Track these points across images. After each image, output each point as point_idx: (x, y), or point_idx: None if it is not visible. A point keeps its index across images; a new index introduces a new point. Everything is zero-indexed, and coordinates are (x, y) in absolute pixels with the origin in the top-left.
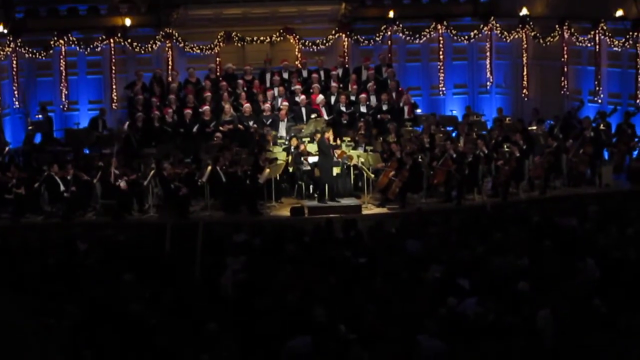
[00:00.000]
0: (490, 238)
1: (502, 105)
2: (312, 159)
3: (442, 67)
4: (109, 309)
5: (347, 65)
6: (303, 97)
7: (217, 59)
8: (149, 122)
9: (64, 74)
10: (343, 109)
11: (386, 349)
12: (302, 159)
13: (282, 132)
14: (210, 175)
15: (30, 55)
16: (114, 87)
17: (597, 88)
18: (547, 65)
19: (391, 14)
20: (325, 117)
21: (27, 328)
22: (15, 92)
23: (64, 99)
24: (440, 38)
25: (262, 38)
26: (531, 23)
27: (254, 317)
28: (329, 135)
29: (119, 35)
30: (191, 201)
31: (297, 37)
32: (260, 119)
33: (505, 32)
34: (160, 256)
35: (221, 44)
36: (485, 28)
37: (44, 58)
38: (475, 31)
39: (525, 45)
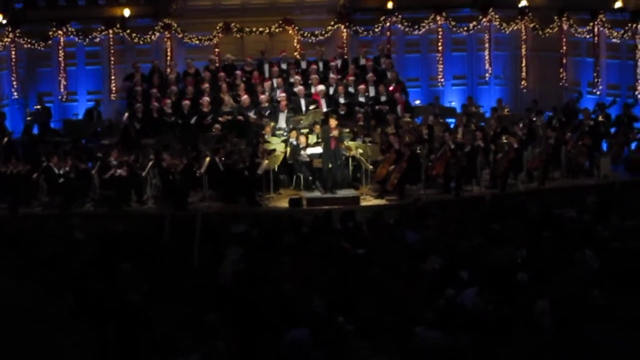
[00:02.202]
0: (489, 229)
1: (500, 96)
2: (311, 150)
3: (441, 58)
4: (106, 299)
5: (346, 57)
6: (301, 87)
7: (216, 49)
8: (148, 113)
9: (62, 65)
10: (341, 100)
11: (384, 340)
12: (300, 150)
13: (282, 123)
14: (208, 166)
15: (29, 45)
16: (112, 77)
17: (596, 79)
18: (545, 57)
19: (390, 5)
20: (324, 108)
21: (31, 313)
22: (14, 83)
23: (62, 90)
24: (439, 29)
25: (261, 29)
26: (530, 14)
27: (252, 308)
28: (332, 124)
29: (118, 25)
30: (190, 192)
31: (296, 28)
32: (259, 110)
33: (504, 23)
34: (159, 247)
35: (220, 34)
36: (484, 19)
37: (42, 49)
38: (474, 22)
39: (524, 37)
